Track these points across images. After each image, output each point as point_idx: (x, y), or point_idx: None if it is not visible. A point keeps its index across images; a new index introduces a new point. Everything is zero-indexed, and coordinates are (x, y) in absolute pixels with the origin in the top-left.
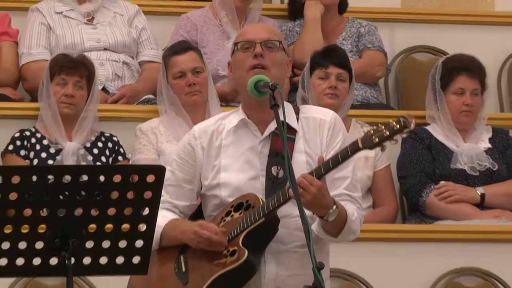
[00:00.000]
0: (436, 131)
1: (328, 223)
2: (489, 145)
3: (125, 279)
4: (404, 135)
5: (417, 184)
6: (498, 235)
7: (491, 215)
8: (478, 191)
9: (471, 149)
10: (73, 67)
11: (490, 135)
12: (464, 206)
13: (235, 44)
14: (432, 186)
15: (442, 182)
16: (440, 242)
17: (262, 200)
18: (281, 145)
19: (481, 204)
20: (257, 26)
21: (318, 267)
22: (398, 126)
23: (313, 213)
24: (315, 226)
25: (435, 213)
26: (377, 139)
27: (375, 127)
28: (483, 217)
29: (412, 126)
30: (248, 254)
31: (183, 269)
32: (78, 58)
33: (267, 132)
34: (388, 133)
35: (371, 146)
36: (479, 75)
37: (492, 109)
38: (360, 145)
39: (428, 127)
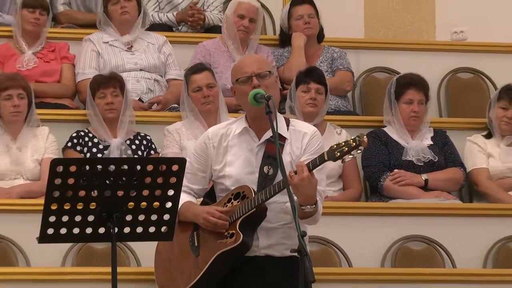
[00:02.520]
0: (391, 131)
1: (302, 211)
2: (431, 142)
3: (154, 244)
4: (359, 152)
5: (377, 172)
6: (438, 211)
7: (433, 195)
8: (423, 177)
9: (418, 145)
10: (107, 82)
11: (432, 134)
12: (412, 189)
13: (237, 79)
14: (388, 173)
15: (395, 170)
16: (394, 216)
17: (254, 192)
18: (273, 150)
19: (425, 187)
20: (250, 59)
21: (302, 235)
22: (354, 144)
23: (297, 198)
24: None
25: (390, 194)
26: (338, 154)
27: (338, 144)
28: (426, 197)
29: (364, 145)
30: (243, 237)
31: (196, 244)
32: (109, 74)
33: (263, 139)
34: (346, 149)
35: (334, 159)
36: (424, 89)
37: (433, 114)
38: (326, 158)
39: (385, 129)
